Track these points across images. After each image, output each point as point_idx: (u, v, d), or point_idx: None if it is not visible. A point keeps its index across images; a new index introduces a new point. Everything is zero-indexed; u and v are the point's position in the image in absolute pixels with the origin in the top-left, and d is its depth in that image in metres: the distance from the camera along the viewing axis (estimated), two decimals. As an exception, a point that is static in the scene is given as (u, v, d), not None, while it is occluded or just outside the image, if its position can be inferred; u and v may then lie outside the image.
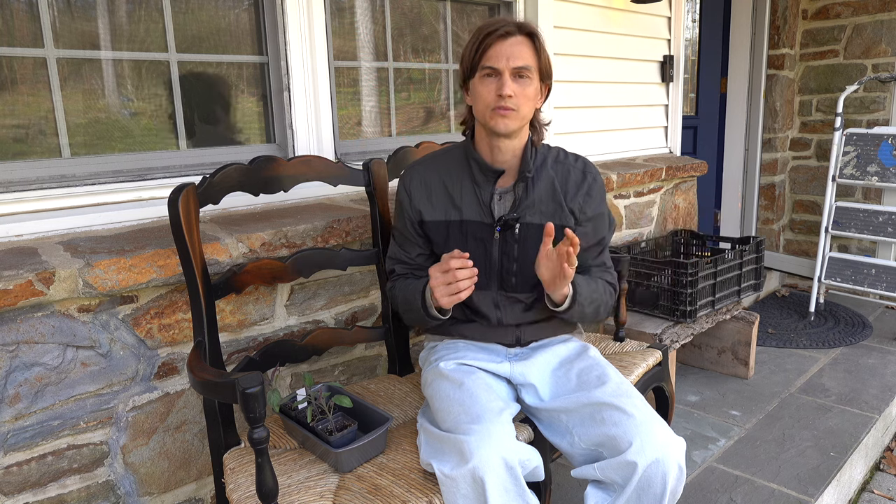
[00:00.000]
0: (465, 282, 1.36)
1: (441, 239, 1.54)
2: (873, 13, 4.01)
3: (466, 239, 1.51)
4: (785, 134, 4.40)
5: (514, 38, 1.39)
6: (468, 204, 1.50)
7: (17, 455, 1.38)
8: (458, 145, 1.58)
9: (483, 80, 1.41)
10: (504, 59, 1.37)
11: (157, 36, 1.73)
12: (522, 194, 1.49)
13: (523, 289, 1.53)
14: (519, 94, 1.39)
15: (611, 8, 2.88)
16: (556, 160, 1.55)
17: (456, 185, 1.52)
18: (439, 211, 1.52)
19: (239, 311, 1.68)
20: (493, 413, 1.29)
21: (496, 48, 1.38)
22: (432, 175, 1.54)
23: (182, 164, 1.80)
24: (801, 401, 2.69)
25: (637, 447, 1.26)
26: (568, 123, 2.80)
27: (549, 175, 1.52)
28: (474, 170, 1.50)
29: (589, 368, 1.47)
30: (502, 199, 1.51)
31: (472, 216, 1.50)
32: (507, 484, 1.19)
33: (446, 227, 1.52)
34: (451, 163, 1.55)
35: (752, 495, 2.05)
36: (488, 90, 1.40)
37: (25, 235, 1.51)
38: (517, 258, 1.50)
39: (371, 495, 1.24)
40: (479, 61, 1.40)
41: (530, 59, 1.40)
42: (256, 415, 1.10)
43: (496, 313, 1.55)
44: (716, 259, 2.63)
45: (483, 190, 1.50)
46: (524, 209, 1.49)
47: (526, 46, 1.40)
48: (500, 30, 1.38)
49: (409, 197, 1.55)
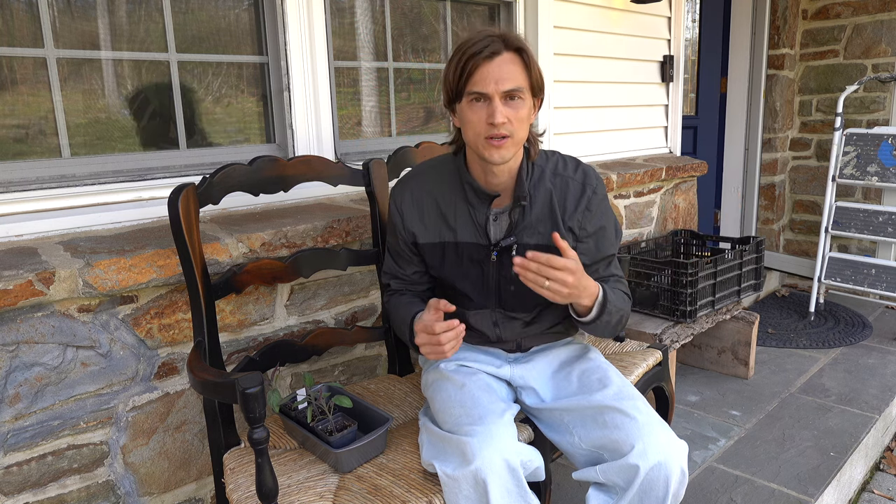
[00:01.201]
0: (450, 344, 1.31)
1: (436, 261, 1.47)
2: (873, 13, 4.01)
3: (462, 261, 1.44)
4: (785, 134, 4.40)
5: (502, 58, 1.25)
6: (463, 225, 1.42)
7: (17, 455, 1.38)
8: (450, 160, 1.47)
9: (471, 105, 1.28)
10: (493, 82, 1.24)
11: (157, 36, 1.73)
12: (519, 217, 1.41)
13: (523, 308, 1.47)
14: (512, 118, 1.27)
15: (611, 8, 2.88)
16: (554, 172, 1.43)
17: (450, 206, 1.43)
18: (433, 232, 1.45)
19: (239, 311, 1.68)
20: (495, 414, 1.29)
21: (482, 70, 1.25)
22: (424, 194, 1.45)
23: (182, 164, 1.80)
24: (801, 401, 2.69)
25: (639, 450, 1.25)
26: (568, 123, 2.80)
27: (547, 190, 1.41)
28: (468, 192, 1.41)
29: (590, 371, 1.46)
30: (498, 220, 1.42)
31: (467, 238, 1.43)
32: (510, 485, 1.19)
33: (441, 248, 1.45)
34: (443, 180, 1.45)
35: (752, 495, 2.05)
36: (478, 117, 1.28)
37: (25, 235, 1.51)
38: (514, 280, 1.39)
39: (371, 495, 1.24)
40: (464, 86, 1.27)
41: (521, 78, 1.27)
42: (256, 415, 1.10)
43: (495, 331, 1.51)
44: (716, 259, 2.63)
45: (478, 212, 1.41)
46: (521, 231, 1.41)
47: (515, 65, 1.27)
48: (484, 51, 1.24)
49: (402, 217, 1.47)
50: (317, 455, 1.40)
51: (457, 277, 1.46)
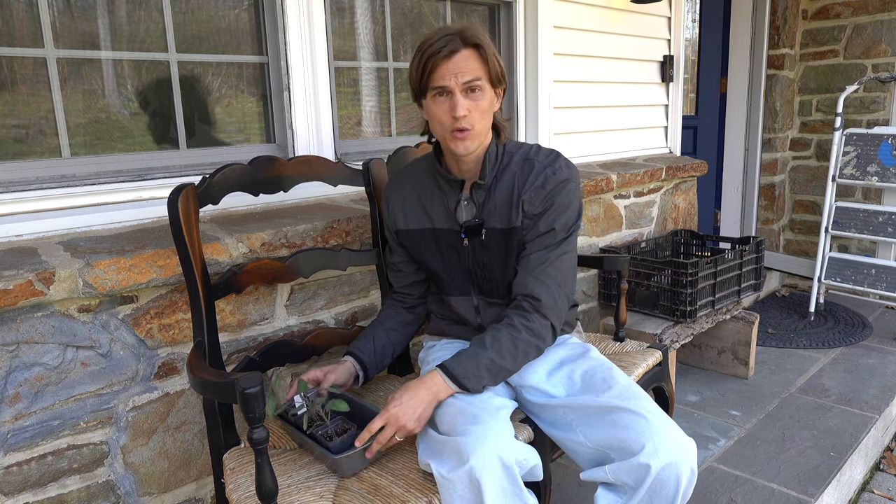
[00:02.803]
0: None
1: (416, 247, 1.57)
2: (873, 13, 4.01)
3: (440, 247, 1.53)
4: (785, 134, 4.40)
5: (460, 55, 1.34)
6: (437, 212, 1.52)
7: (17, 455, 1.38)
8: (431, 155, 1.57)
9: (435, 99, 1.38)
10: (452, 76, 1.34)
11: (156, 36, 1.73)
12: (483, 200, 1.47)
13: (501, 294, 1.53)
14: (473, 109, 1.37)
15: (611, 8, 2.88)
16: (525, 157, 1.48)
17: (427, 195, 1.53)
18: (412, 220, 1.55)
19: (239, 311, 1.68)
20: (490, 413, 1.29)
21: (443, 67, 1.34)
22: (407, 186, 1.57)
23: (182, 164, 1.80)
24: (801, 401, 2.69)
25: (650, 449, 1.25)
26: (568, 123, 2.80)
27: (512, 173, 1.47)
28: (439, 180, 1.51)
29: (593, 370, 1.46)
30: (468, 204, 1.50)
31: (443, 224, 1.52)
32: (504, 484, 1.19)
33: (419, 234, 1.55)
34: (423, 173, 1.56)
35: (752, 495, 2.05)
36: (442, 110, 1.37)
37: (25, 235, 1.51)
38: (486, 265, 1.50)
39: (371, 495, 1.24)
40: (427, 82, 1.37)
41: (479, 70, 1.36)
42: (256, 415, 1.10)
43: (476, 318, 1.57)
44: (716, 259, 2.63)
45: (449, 198, 1.50)
46: (486, 214, 1.47)
47: (473, 59, 1.35)
48: (443, 50, 1.33)
49: (388, 207, 1.60)
50: (318, 459, 1.40)
51: (436, 264, 1.56)
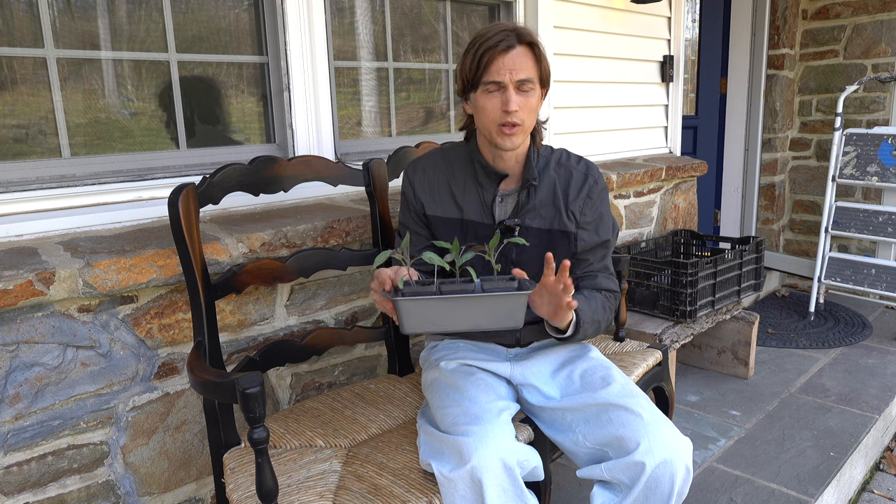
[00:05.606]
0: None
1: (443, 235, 1.55)
2: (873, 13, 4.01)
3: (466, 238, 1.52)
4: (785, 134, 4.40)
5: (516, 51, 1.36)
6: (470, 203, 1.52)
7: (18, 455, 1.38)
8: (462, 146, 1.58)
9: (486, 94, 1.39)
10: (507, 72, 1.36)
11: (157, 36, 1.73)
12: (525, 199, 1.50)
13: None
14: (523, 106, 1.39)
15: (611, 8, 2.88)
16: (559, 162, 1.55)
17: (459, 184, 1.53)
18: (440, 207, 1.54)
19: (239, 311, 1.68)
20: (492, 414, 1.29)
21: (498, 62, 1.36)
22: (436, 171, 1.55)
23: (182, 164, 1.80)
24: (801, 401, 2.69)
25: (645, 447, 1.26)
26: (568, 123, 2.80)
27: (552, 178, 1.52)
28: (478, 172, 1.51)
29: (593, 370, 1.47)
30: (504, 201, 1.52)
31: (474, 216, 1.51)
32: (505, 484, 1.19)
33: (445, 223, 1.54)
34: (455, 161, 1.55)
35: (752, 495, 2.06)
36: (493, 105, 1.39)
37: (25, 235, 1.51)
38: (514, 262, 1.50)
39: (371, 495, 1.24)
40: (481, 76, 1.38)
41: (532, 70, 1.39)
42: (256, 415, 1.10)
43: None
44: (716, 259, 2.63)
45: (486, 192, 1.51)
46: (525, 213, 1.50)
47: (528, 57, 1.38)
48: (500, 44, 1.35)
49: (413, 188, 1.56)
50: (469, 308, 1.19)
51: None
